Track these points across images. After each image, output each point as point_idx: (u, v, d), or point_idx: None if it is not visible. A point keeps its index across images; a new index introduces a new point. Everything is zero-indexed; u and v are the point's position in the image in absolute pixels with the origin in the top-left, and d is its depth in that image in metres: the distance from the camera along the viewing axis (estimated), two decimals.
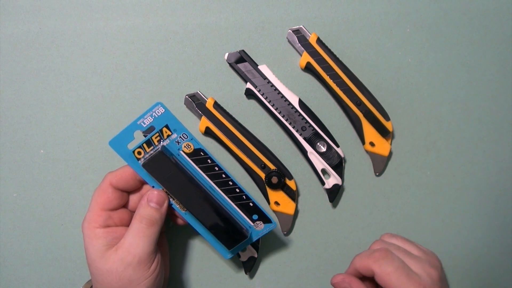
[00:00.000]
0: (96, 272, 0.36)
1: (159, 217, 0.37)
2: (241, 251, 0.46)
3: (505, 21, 0.50)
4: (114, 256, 0.35)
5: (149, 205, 0.37)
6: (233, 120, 0.45)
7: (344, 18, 0.48)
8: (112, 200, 0.37)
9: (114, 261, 0.35)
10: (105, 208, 0.37)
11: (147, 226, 0.36)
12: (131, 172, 0.38)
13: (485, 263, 0.52)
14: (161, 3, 0.45)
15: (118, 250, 0.36)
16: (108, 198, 0.37)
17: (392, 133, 0.48)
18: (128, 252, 0.35)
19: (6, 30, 0.44)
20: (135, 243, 0.36)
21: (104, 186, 0.37)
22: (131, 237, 0.36)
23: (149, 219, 0.36)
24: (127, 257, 0.35)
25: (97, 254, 0.36)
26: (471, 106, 0.50)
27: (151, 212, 0.37)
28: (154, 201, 0.37)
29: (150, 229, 0.36)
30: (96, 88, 0.45)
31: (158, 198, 0.37)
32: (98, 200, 0.37)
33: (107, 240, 0.36)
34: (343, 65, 0.46)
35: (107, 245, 0.36)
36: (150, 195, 0.37)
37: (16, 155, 0.44)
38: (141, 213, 0.37)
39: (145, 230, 0.36)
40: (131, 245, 0.36)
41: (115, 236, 0.37)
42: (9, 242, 0.45)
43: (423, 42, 0.49)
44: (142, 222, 0.36)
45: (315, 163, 0.46)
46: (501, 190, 0.52)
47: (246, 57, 0.45)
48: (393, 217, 0.50)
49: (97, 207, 0.37)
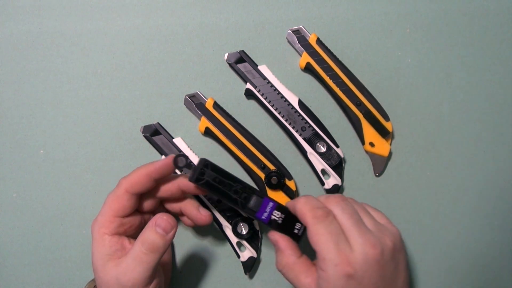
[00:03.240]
0: (97, 277, 0.36)
1: (163, 245, 0.35)
2: (240, 251, 0.46)
3: (505, 21, 0.50)
4: (112, 272, 0.35)
5: (155, 230, 0.35)
6: (232, 121, 0.45)
7: (344, 18, 0.48)
8: (126, 207, 0.36)
9: (112, 276, 0.35)
10: (119, 215, 0.36)
11: (147, 252, 0.35)
12: (146, 173, 0.37)
13: (485, 263, 0.52)
14: (161, 3, 0.45)
15: (117, 268, 0.35)
16: (123, 205, 0.36)
17: (392, 134, 0.48)
18: (124, 274, 0.34)
19: (6, 30, 0.44)
20: (132, 267, 0.34)
21: (120, 193, 0.36)
22: (130, 259, 0.35)
23: (151, 245, 0.35)
24: (123, 278, 0.34)
25: (99, 262, 0.35)
26: (471, 106, 0.50)
27: (155, 238, 0.35)
28: (162, 226, 0.35)
29: (150, 256, 0.35)
30: (96, 88, 0.45)
31: (165, 224, 0.35)
32: (112, 206, 0.36)
33: (111, 250, 0.36)
34: (343, 65, 0.46)
35: (109, 255, 0.35)
36: (159, 219, 0.35)
37: (16, 155, 0.45)
38: (145, 237, 0.35)
39: (144, 255, 0.35)
40: (128, 267, 0.35)
41: (118, 248, 0.36)
42: (9, 242, 0.45)
43: (423, 42, 0.49)
44: (143, 246, 0.35)
45: (314, 163, 0.46)
46: (501, 190, 0.52)
47: (246, 57, 0.45)
48: (393, 217, 0.50)
49: (110, 212, 0.36)
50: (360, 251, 0.34)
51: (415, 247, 0.51)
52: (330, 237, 0.34)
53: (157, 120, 0.45)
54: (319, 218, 0.35)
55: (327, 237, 0.34)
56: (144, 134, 0.45)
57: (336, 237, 0.34)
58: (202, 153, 0.46)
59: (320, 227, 0.34)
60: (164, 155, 0.45)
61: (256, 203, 0.37)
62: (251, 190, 0.37)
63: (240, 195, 0.36)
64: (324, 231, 0.34)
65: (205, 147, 0.46)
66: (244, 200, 0.36)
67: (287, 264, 0.37)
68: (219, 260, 0.48)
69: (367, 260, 0.34)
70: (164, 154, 0.45)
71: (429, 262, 0.51)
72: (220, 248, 0.47)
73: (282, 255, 0.37)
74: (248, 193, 0.36)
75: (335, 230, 0.34)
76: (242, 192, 0.36)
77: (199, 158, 0.36)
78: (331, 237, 0.34)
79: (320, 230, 0.34)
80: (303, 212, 0.35)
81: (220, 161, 0.46)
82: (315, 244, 0.35)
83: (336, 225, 0.35)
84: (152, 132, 0.45)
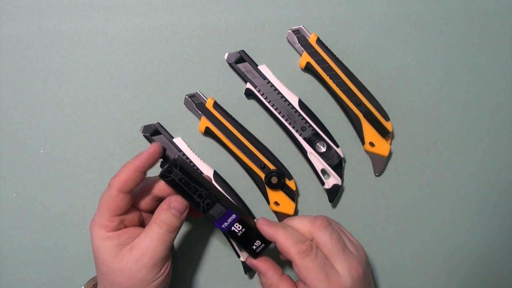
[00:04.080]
0: (106, 271, 0.36)
1: (179, 224, 0.38)
2: (240, 251, 0.46)
3: (505, 21, 0.50)
4: (128, 256, 0.36)
5: (171, 212, 0.37)
6: (233, 120, 0.45)
7: (344, 18, 0.48)
8: (122, 206, 0.37)
9: (128, 261, 0.36)
10: (117, 214, 0.37)
11: (167, 232, 0.37)
12: (133, 169, 0.37)
13: (485, 263, 0.52)
14: (161, 3, 0.45)
15: (133, 251, 0.36)
16: (119, 205, 0.37)
17: (392, 133, 0.48)
18: (144, 254, 0.36)
19: (6, 30, 0.44)
20: (153, 247, 0.36)
21: (113, 194, 0.36)
22: (149, 240, 0.36)
23: (170, 225, 0.37)
24: (143, 258, 0.36)
25: (109, 254, 0.36)
26: (471, 106, 0.50)
27: (173, 219, 0.37)
28: (177, 208, 0.37)
29: (170, 235, 0.37)
30: (96, 88, 0.45)
31: (180, 206, 0.37)
32: (108, 207, 0.37)
33: (119, 240, 0.37)
34: (343, 65, 0.46)
35: (120, 245, 0.36)
36: (173, 202, 0.37)
37: (16, 155, 0.45)
38: (162, 219, 0.37)
39: (164, 235, 0.36)
40: (148, 248, 0.36)
41: (127, 237, 0.37)
42: (9, 242, 0.45)
43: (423, 42, 0.49)
44: (162, 228, 0.36)
45: (314, 163, 0.46)
46: (501, 190, 0.52)
47: (246, 57, 0.45)
48: (393, 217, 0.50)
49: (108, 213, 0.37)
50: (347, 275, 0.36)
51: (415, 247, 0.51)
52: (320, 270, 0.36)
53: (157, 120, 0.45)
54: (304, 252, 0.36)
55: (317, 270, 0.36)
56: (144, 134, 0.45)
57: (324, 268, 0.36)
58: (202, 153, 0.46)
59: (307, 262, 0.36)
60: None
61: (219, 211, 0.38)
62: (216, 198, 0.37)
63: (203, 200, 0.37)
64: (313, 265, 0.36)
65: (205, 147, 0.46)
66: (207, 205, 0.37)
67: (272, 285, 0.39)
68: (219, 260, 0.48)
69: (354, 280, 0.37)
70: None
71: (429, 262, 0.51)
72: (220, 248, 0.47)
73: (265, 277, 0.39)
74: (212, 200, 0.37)
75: (322, 261, 0.36)
76: (206, 198, 0.37)
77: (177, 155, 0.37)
78: (320, 270, 0.36)
79: (308, 264, 0.36)
80: (287, 248, 0.37)
81: (220, 161, 0.46)
82: (304, 278, 0.36)
83: (322, 256, 0.37)
84: (152, 132, 0.45)
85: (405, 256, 0.51)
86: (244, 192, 0.47)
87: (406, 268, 0.51)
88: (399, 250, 0.50)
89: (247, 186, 0.47)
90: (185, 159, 0.37)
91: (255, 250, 0.39)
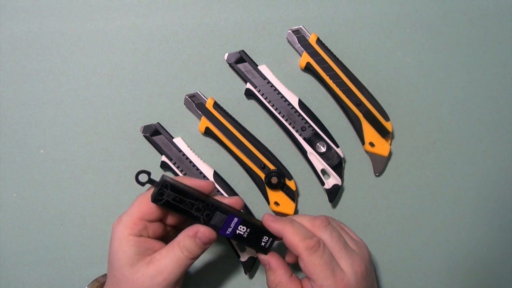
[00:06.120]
0: (120, 278, 0.36)
1: (200, 253, 0.37)
2: (240, 251, 0.46)
3: (505, 21, 0.50)
4: (144, 270, 0.36)
5: (195, 241, 0.37)
6: (233, 120, 0.45)
7: (344, 18, 0.48)
8: (154, 212, 0.37)
9: (144, 274, 0.35)
10: (145, 218, 0.37)
11: (187, 258, 0.36)
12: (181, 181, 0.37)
13: (485, 263, 0.52)
14: (161, 3, 0.45)
15: (150, 266, 0.36)
16: (150, 209, 0.37)
17: (392, 134, 0.48)
18: (160, 273, 0.36)
19: (6, 30, 0.44)
20: (170, 268, 0.36)
21: (148, 196, 0.36)
22: (168, 261, 0.36)
23: (191, 253, 0.37)
24: (158, 277, 0.35)
25: (126, 261, 0.36)
26: (471, 106, 0.50)
27: (195, 248, 0.37)
28: (203, 240, 0.37)
29: (189, 261, 0.37)
30: (96, 88, 0.45)
31: (206, 240, 0.37)
32: (140, 208, 0.37)
33: (139, 249, 0.36)
34: (343, 65, 0.46)
35: (139, 255, 0.36)
36: (200, 233, 0.37)
37: (16, 155, 0.45)
38: (185, 245, 0.36)
39: (184, 260, 0.36)
40: (166, 268, 0.36)
41: (147, 247, 0.37)
42: (9, 242, 0.45)
43: (423, 42, 0.49)
44: (183, 253, 0.36)
45: (314, 163, 0.46)
46: (501, 190, 0.52)
47: (246, 57, 0.45)
48: (393, 217, 0.50)
49: (137, 215, 0.36)
50: (351, 272, 0.37)
51: (415, 247, 0.51)
52: (327, 267, 0.36)
53: (157, 120, 0.45)
54: (312, 248, 0.37)
55: (324, 267, 0.36)
56: (144, 134, 0.45)
57: (330, 265, 0.37)
58: (202, 153, 0.46)
59: (315, 258, 0.36)
60: (164, 155, 0.45)
61: (220, 219, 0.37)
62: (214, 207, 0.37)
63: (202, 212, 0.37)
64: (320, 261, 0.36)
65: (205, 147, 0.46)
66: (207, 217, 0.37)
67: (280, 284, 0.39)
68: (219, 260, 0.48)
69: (357, 278, 0.37)
70: (164, 154, 0.45)
71: (429, 262, 0.51)
72: (220, 248, 0.47)
73: (274, 274, 0.39)
74: (210, 210, 0.37)
75: (329, 258, 0.37)
76: (205, 210, 0.37)
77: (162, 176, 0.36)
78: (327, 267, 0.36)
79: (315, 261, 0.36)
80: (295, 243, 0.37)
81: (220, 161, 0.46)
82: (310, 274, 0.37)
83: (328, 253, 0.37)
84: (152, 132, 0.45)
85: (405, 256, 0.51)
86: (244, 192, 0.47)
87: (406, 268, 0.51)
88: (399, 250, 0.50)
89: (247, 186, 0.47)
90: (171, 177, 0.36)
91: (264, 246, 0.39)
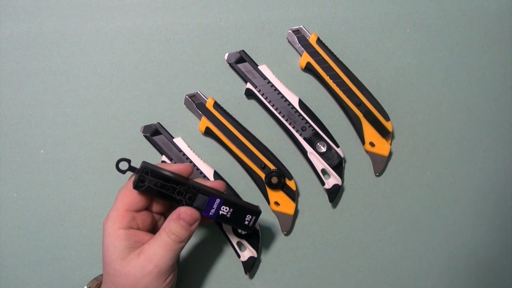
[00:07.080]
0: (113, 273, 0.36)
1: (188, 235, 0.37)
2: (241, 251, 0.46)
3: (505, 21, 0.50)
4: (135, 261, 0.36)
5: (179, 223, 0.37)
6: (233, 120, 0.45)
7: (344, 18, 0.48)
8: (138, 202, 0.37)
9: (135, 266, 0.35)
10: (131, 209, 0.37)
11: (175, 242, 0.36)
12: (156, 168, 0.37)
13: (485, 263, 0.52)
14: (161, 3, 0.45)
15: (140, 256, 0.36)
16: (134, 199, 0.37)
17: (392, 133, 0.48)
18: (150, 261, 0.36)
19: (6, 30, 0.44)
20: (160, 255, 0.36)
21: (130, 187, 0.37)
22: (156, 247, 0.36)
23: (178, 236, 0.37)
24: (149, 265, 0.36)
25: (117, 255, 0.36)
26: (471, 106, 0.51)
27: (181, 230, 0.37)
28: (186, 220, 0.37)
29: (177, 245, 0.37)
30: (96, 88, 0.45)
31: (189, 219, 0.37)
32: (124, 200, 0.37)
33: (129, 242, 0.36)
34: (343, 65, 0.46)
35: (129, 248, 0.36)
36: (183, 214, 0.37)
37: (16, 155, 0.44)
38: (171, 229, 0.37)
39: (172, 244, 0.36)
40: (155, 255, 0.36)
41: (137, 240, 0.37)
42: (9, 242, 0.45)
43: (423, 42, 0.49)
44: (170, 237, 0.36)
45: (315, 163, 0.46)
46: (501, 190, 0.52)
47: (246, 57, 0.45)
48: (393, 217, 0.50)
49: (122, 207, 0.37)
50: None
51: (415, 247, 0.51)
52: None
53: (157, 120, 0.45)
54: None
55: None
56: (144, 134, 0.45)
57: None
58: (202, 153, 0.46)
59: None
60: (165, 155, 0.45)
61: (202, 201, 0.38)
62: (196, 189, 0.37)
63: (184, 195, 0.37)
64: None
65: (205, 147, 0.46)
66: (189, 200, 0.37)
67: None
68: (219, 260, 0.48)
69: None
70: (165, 154, 0.45)
71: (429, 262, 0.51)
72: (220, 248, 0.47)
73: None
74: (192, 193, 0.37)
75: None
76: (186, 193, 0.37)
77: (142, 162, 0.36)
78: None
79: None
80: None
81: (220, 161, 0.46)
82: None
83: None
84: (152, 132, 0.45)
85: (405, 256, 0.51)
86: (244, 192, 0.47)
87: (406, 268, 0.51)
88: (399, 250, 0.50)
89: (247, 186, 0.47)
90: (150, 162, 0.37)
91: (247, 225, 0.40)
